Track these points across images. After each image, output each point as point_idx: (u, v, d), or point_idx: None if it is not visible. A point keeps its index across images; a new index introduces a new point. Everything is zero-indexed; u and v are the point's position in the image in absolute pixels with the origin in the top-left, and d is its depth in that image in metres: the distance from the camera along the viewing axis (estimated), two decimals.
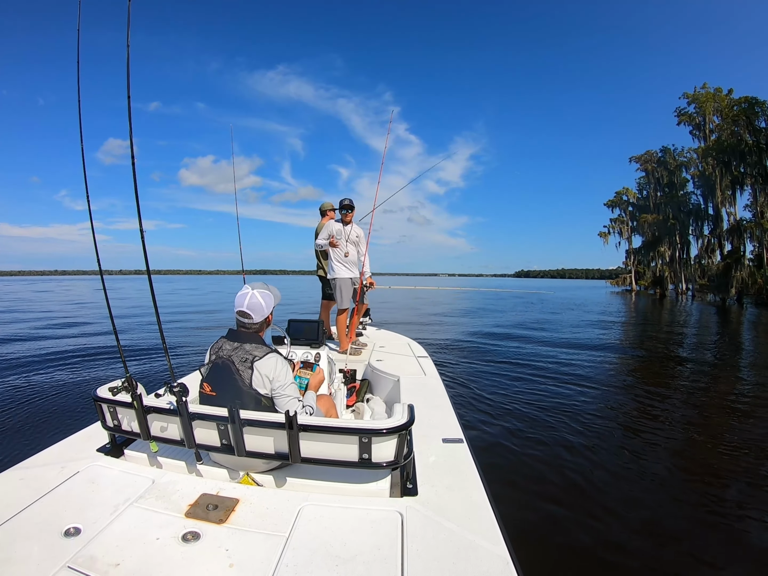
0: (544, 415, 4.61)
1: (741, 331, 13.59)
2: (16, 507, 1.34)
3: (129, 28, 1.35)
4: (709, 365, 7.77)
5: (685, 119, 30.71)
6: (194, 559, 1.13)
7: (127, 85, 1.39)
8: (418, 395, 2.66)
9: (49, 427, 4.00)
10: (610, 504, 2.87)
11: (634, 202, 40.03)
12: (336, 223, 4.37)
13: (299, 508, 1.36)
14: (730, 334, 12.92)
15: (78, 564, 1.10)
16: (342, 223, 4.34)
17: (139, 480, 1.53)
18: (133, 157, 1.46)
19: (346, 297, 4.34)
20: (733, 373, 6.98)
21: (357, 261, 4.47)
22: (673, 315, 19.35)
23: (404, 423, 1.45)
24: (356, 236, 4.39)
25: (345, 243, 4.30)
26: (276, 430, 1.47)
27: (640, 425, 4.46)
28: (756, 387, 5.99)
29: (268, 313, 1.87)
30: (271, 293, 1.89)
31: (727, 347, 10.14)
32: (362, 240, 4.47)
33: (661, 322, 15.44)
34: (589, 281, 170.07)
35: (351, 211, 4.28)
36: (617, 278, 45.62)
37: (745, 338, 11.89)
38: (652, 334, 12.18)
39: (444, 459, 1.79)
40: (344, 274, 4.33)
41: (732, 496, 3.02)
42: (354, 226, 4.39)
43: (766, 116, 25.60)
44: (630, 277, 42.17)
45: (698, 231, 32.58)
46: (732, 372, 7.10)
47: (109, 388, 1.71)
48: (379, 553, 1.16)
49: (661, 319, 16.71)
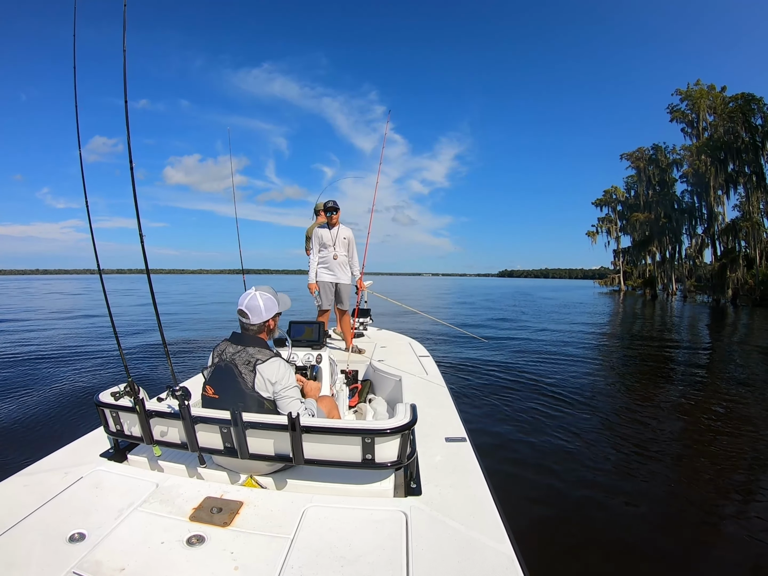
0: (546, 414, 4.62)
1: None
2: (20, 513, 1.34)
3: (125, 31, 1.35)
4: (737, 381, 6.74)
5: (678, 116, 30.56)
6: (199, 562, 1.13)
7: (124, 89, 1.39)
8: (421, 395, 2.66)
9: (52, 433, 3.99)
10: (614, 502, 2.88)
11: (623, 201, 39.79)
12: (322, 229, 4.31)
13: (303, 509, 1.36)
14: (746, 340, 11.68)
15: (83, 569, 1.10)
16: (328, 226, 4.29)
17: (143, 484, 1.53)
18: (131, 161, 1.46)
19: (324, 299, 4.35)
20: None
21: (347, 263, 4.44)
22: (678, 319, 18.55)
23: (407, 423, 1.45)
24: (344, 238, 4.34)
25: (333, 247, 4.28)
26: (279, 432, 1.47)
27: (650, 422, 4.45)
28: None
29: (267, 317, 1.85)
30: (274, 299, 1.89)
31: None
32: (352, 241, 4.42)
33: (673, 329, 14.19)
34: (573, 281, 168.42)
35: (336, 212, 4.23)
36: (605, 278, 45.14)
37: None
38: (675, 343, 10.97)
39: (447, 458, 1.79)
40: (324, 277, 4.35)
41: (739, 499, 3.00)
42: (341, 228, 4.33)
43: (762, 113, 25.53)
44: (618, 278, 41.95)
45: (691, 230, 32.36)
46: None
47: (111, 393, 1.71)
48: (384, 553, 1.16)
49: (671, 325, 15.58)
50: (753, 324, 16.07)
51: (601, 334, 12.73)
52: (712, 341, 11.87)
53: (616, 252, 41.56)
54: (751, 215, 26.63)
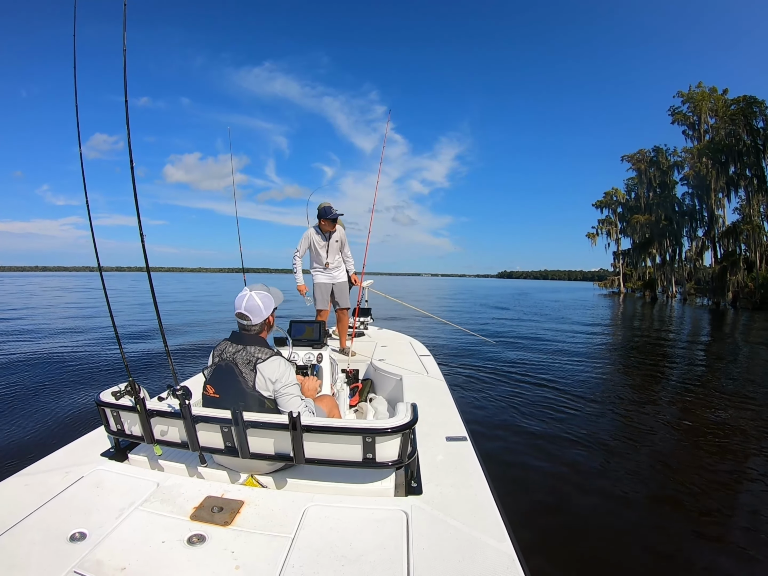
0: (548, 414, 4.61)
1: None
2: (21, 513, 1.34)
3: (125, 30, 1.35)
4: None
5: (680, 118, 30.49)
6: (200, 561, 1.13)
7: (125, 87, 1.39)
8: (421, 394, 2.66)
9: (53, 432, 3.99)
10: (616, 502, 2.87)
11: (623, 203, 39.77)
12: (316, 234, 4.21)
13: (304, 508, 1.36)
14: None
15: (84, 569, 1.10)
16: (322, 232, 4.20)
17: (144, 484, 1.53)
18: (131, 161, 1.47)
19: (320, 299, 4.35)
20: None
21: (341, 263, 4.42)
22: (681, 321, 18.32)
23: (408, 422, 1.45)
24: (336, 241, 4.30)
25: (326, 255, 4.26)
26: (280, 432, 1.48)
27: (654, 423, 4.43)
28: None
29: (267, 314, 1.85)
30: (270, 294, 1.88)
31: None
32: (343, 239, 4.39)
33: (676, 330, 13.68)
34: (572, 282, 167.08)
35: (336, 221, 4.16)
36: (605, 280, 45.08)
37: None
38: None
39: (448, 457, 1.79)
40: (319, 279, 4.35)
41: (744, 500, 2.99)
42: (335, 232, 4.26)
43: (764, 116, 25.45)
44: (618, 279, 41.86)
45: (692, 233, 32.27)
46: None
47: (112, 393, 1.72)
48: (385, 552, 1.16)
49: (674, 327, 15.13)
50: (755, 325, 15.99)
51: (603, 335, 12.73)
52: (727, 344, 11.54)
53: (615, 254, 41.52)
54: (751, 218, 26.57)
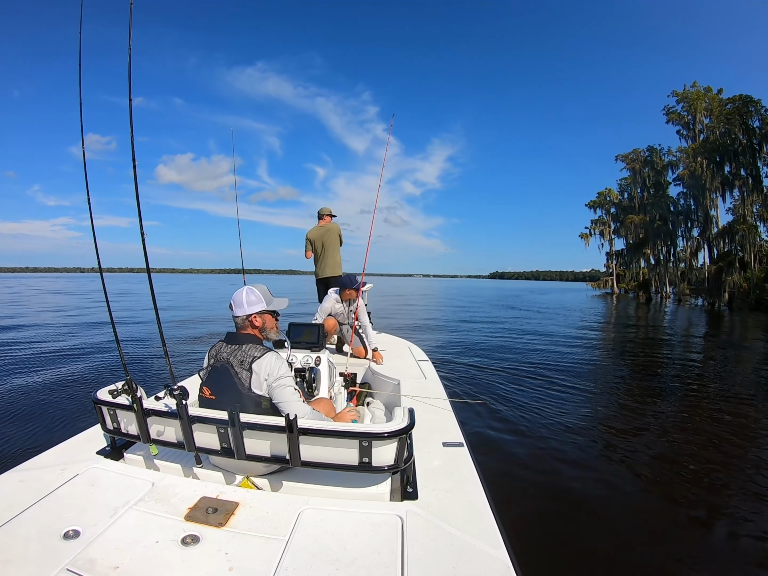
0: (545, 420, 4.57)
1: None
2: (15, 509, 1.34)
3: (131, 31, 1.33)
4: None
5: (674, 118, 30.38)
6: (193, 562, 1.13)
7: (129, 88, 1.37)
8: (419, 399, 2.66)
9: (49, 430, 3.97)
10: (614, 509, 2.86)
11: (617, 203, 39.67)
12: (336, 303, 4.08)
13: (299, 511, 1.37)
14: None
15: (77, 566, 1.10)
16: (342, 299, 4.07)
17: (139, 483, 1.53)
18: (134, 159, 1.45)
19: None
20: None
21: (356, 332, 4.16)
22: (679, 322, 18.10)
23: (405, 427, 1.45)
24: (351, 311, 4.14)
25: (345, 319, 4.13)
26: (276, 434, 1.48)
27: (653, 427, 4.42)
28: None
29: (250, 311, 1.84)
30: (261, 295, 1.89)
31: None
32: (362, 306, 4.17)
33: (675, 333, 13.45)
34: (564, 283, 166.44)
35: (350, 288, 3.99)
36: (598, 281, 45.05)
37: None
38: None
39: (444, 463, 1.79)
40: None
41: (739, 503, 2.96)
42: (352, 301, 4.09)
43: (760, 115, 25.37)
44: (611, 280, 41.77)
45: (687, 233, 32.26)
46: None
47: (109, 391, 1.71)
48: (379, 557, 1.17)
49: (673, 330, 14.76)
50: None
51: (598, 337, 12.71)
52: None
53: (609, 254, 41.45)
54: (745, 218, 26.63)
